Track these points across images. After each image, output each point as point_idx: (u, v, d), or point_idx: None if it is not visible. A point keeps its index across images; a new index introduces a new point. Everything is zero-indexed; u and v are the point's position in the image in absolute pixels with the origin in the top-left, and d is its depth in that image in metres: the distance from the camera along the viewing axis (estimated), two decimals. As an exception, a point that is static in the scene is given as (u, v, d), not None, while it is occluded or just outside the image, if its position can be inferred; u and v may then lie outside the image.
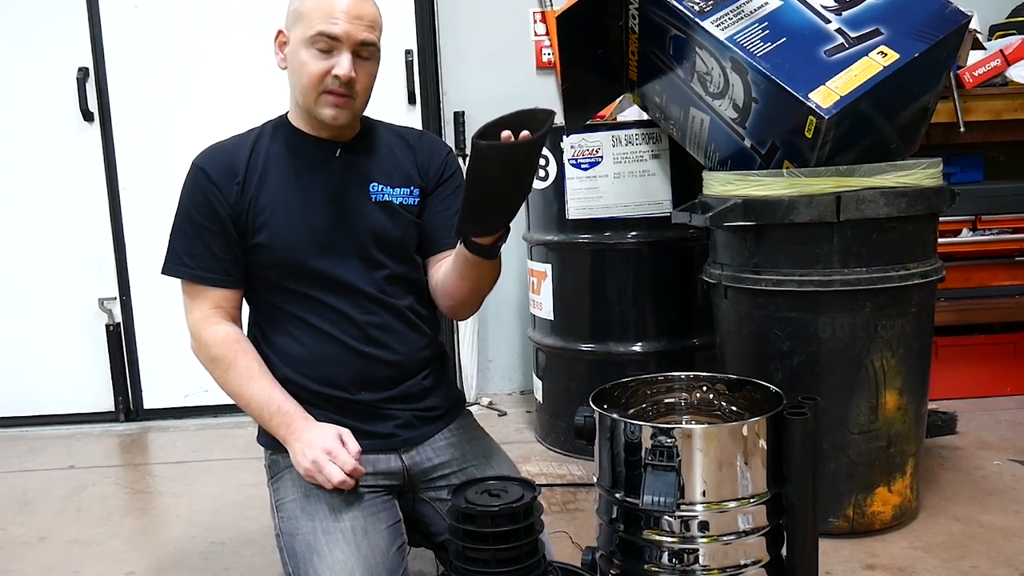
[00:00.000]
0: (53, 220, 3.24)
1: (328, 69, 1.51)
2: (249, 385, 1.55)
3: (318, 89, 1.53)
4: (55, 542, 2.26)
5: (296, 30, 1.54)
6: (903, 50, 1.96)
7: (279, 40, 1.61)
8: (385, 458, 1.60)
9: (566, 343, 2.71)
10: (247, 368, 1.55)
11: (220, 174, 1.58)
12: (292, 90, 1.61)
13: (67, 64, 3.15)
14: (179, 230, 1.61)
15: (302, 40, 1.52)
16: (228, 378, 1.56)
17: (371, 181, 1.62)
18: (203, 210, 1.58)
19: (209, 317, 1.58)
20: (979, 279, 2.96)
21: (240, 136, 1.66)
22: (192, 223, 1.59)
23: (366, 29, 1.52)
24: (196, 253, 1.58)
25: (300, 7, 1.53)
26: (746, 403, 1.56)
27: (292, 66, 1.57)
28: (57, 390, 3.31)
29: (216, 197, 1.57)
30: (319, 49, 1.51)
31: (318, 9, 1.50)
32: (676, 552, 1.35)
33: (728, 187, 2.01)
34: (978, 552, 1.93)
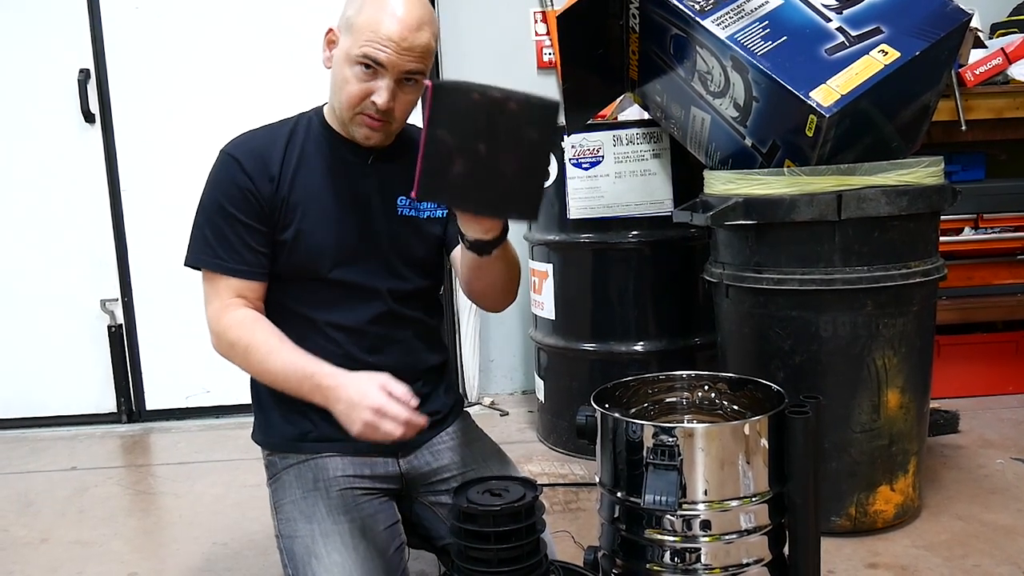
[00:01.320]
0: (55, 221, 3.24)
1: (367, 93, 1.46)
2: (270, 359, 1.47)
3: (354, 109, 1.48)
4: (57, 543, 2.26)
5: (345, 39, 1.48)
6: (904, 48, 1.96)
7: (328, 38, 1.54)
8: (383, 462, 1.60)
9: (568, 343, 2.71)
10: (265, 342, 1.48)
11: (254, 166, 1.53)
12: (330, 94, 1.55)
13: (68, 65, 3.16)
14: (208, 219, 1.53)
15: (347, 54, 1.46)
16: (249, 359, 1.49)
17: (399, 195, 1.59)
18: (236, 200, 1.51)
19: (228, 306, 1.52)
20: (981, 277, 2.95)
21: (272, 128, 1.61)
22: (223, 213, 1.52)
23: (414, 60, 1.45)
24: (227, 244, 1.51)
25: (354, 17, 1.46)
26: (748, 402, 1.56)
27: (334, 74, 1.51)
28: (59, 391, 3.32)
29: (249, 188, 1.51)
30: (362, 68, 1.45)
31: (369, 28, 1.42)
32: (678, 551, 1.34)
33: (729, 186, 2.01)
34: (980, 551, 1.93)
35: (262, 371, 1.50)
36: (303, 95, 3.10)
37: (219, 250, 1.51)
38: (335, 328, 1.56)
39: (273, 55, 3.19)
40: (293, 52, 3.17)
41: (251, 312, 1.53)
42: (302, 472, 1.57)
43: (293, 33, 3.18)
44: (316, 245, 1.54)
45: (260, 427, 1.65)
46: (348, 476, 1.56)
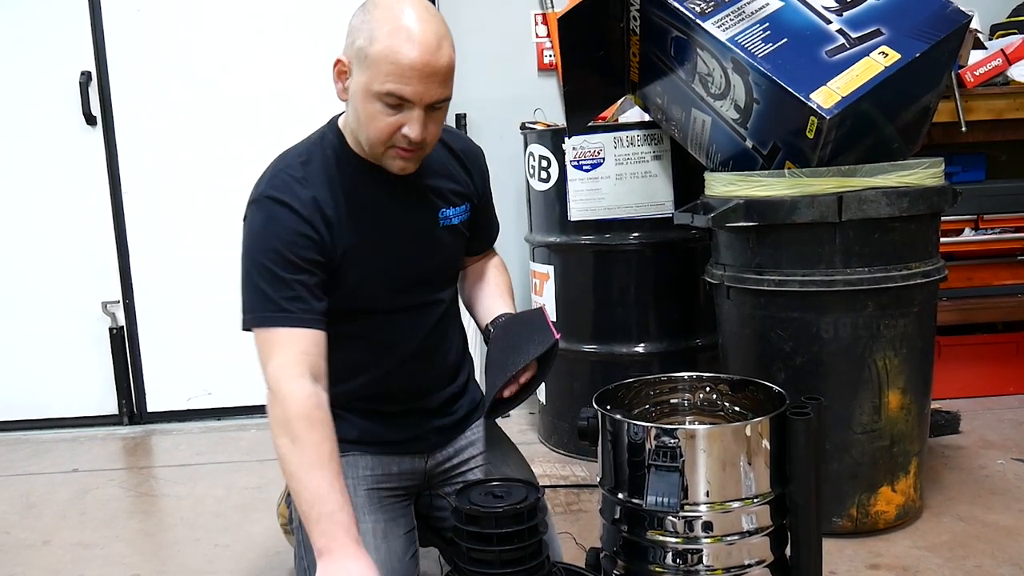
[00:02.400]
0: (56, 223, 3.24)
1: (397, 127, 1.38)
2: (311, 472, 1.34)
3: (386, 144, 1.41)
4: (59, 545, 2.26)
5: (361, 74, 1.37)
6: (904, 50, 1.96)
7: (338, 68, 1.42)
8: (409, 459, 1.61)
9: (569, 344, 2.71)
10: (317, 447, 1.35)
11: (308, 210, 1.43)
12: (354, 128, 1.46)
13: (70, 68, 3.16)
14: (262, 273, 1.41)
15: (368, 91, 1.36)
16: (292, 452, 1.35)
17: (439, 208, 1.57)
18: (296, 246, 1.41)
19: (293, 365, 1.38)
20: (981, 278, 2.95)
21: (299, 161, 1.49)
22: (284, 262, 1.40)
23: (440, 85, 1.37)
24: (291, 293, 1.40)
25: (367, 48, 1.35)
26: (749, 403, 1.56)
27: (356, 111, 1.41)
28: (61, 393, 3.32)
29: (309, 233, 1.42)
30: (388, 104, 1.36)
31: (388, 61, 1.33)
32: (680, 552, 1.35)
33: (730, 188, 2.01)
34: (982, 551, 1.93)
35: (294, 474, 1.35)
36: (304, 97, 3.13)
37: (283, 302, 1.40)
38: (389, 347, 1.55)
39: (274, 58, 3.19)
40: (294, 55, 3.18)
41: (316, 392, 1.38)
42: None
43: (294, 36, 3.18)
44: (374, 282, 1.51)
45: None
46: (376, 475, 1.57)
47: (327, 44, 3.15)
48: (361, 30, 1.36)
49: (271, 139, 3.15)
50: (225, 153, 3.21)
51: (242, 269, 1.45)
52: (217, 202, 3.21)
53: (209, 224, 3.23)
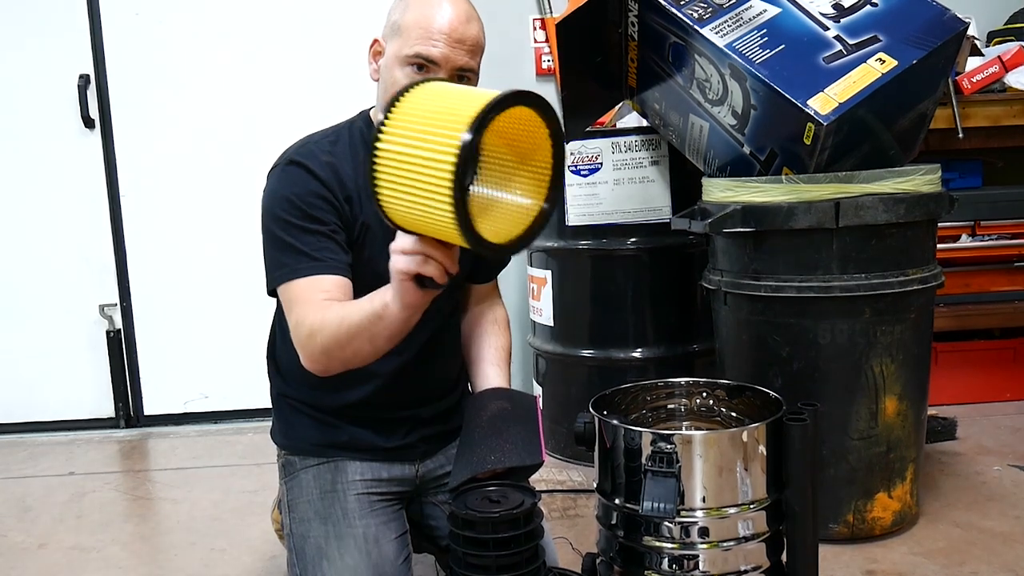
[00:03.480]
0: (54, 226, 3.24)
1: None
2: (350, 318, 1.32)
3: None
4: (55, 549, 2.25)
5: (393, 44, 1.43)
6: (901, 57, 1.97)
7: (374, 49, 1.48)
8: (400, 466, 1.60)
9: (566, 349, 2.71)
10: (341, 310, 1.35)
11: (330, 178, 1.45)
12: (381, 102, 1.48)
13: (68, 71, 3.16)
14: (286, 230, 1.41)
15: (397, 57, 1.41)
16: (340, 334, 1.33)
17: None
18: (316, 206, 1.42)
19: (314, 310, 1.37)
20: (978, 285, 2.96)
21: (329, 139, 1.51)
22: (302, 217, 1.41)
23: (467, 54, 1.42)
24: (323, 247, 1.41)
25: (400, 19, 1.42)
26: (746, 409, 1.56)
27: (385, 82, 1.45)
28: (57, 396, 3.31)
29: (329, 196, 1.43)
30: (415, 68, 1.40)
31: (418, 26, 1.39)
32: (676, 558, 1.35)
33: (727, 193, 2.02)
34: (978, 558, 1.93)
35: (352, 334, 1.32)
36: (304, 100, 3.13)
37: (313, 252, 1.40)
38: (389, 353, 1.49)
39: (274, 61, 3.19)
40: (294, 60, 3.18)
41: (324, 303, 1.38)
42: (321, 473, 1.57)
43: (294, 39, 3.19)
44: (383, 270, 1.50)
45: (283, 431, 1.64)
46: (366, 480, 1.57)
47: (327, 49, 3.18)
48: (397, 7, 1.44)
49: (271, 142, 3.16)
50: (223, 157, 3.21)
51: (263, 230, 1.45)
52: (215, 206, 3.21)
53: (207, 227, 3.23)
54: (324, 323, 1.35)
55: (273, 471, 1.72)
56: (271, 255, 1.44)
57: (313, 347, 1.37)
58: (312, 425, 1.59)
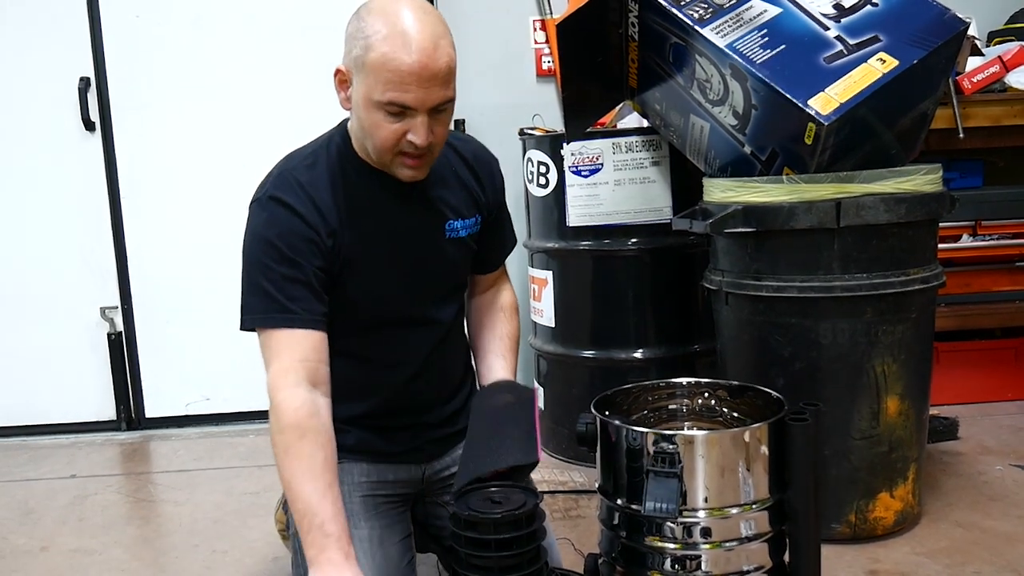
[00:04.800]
0: (55, 229, 3.24)
1: (402, 133, 1.35)
2: (303, 482, 1.34)
3: (393, 151, 1.38)
4: (57, 551, 2.25)
5: (360, 83, 1.35)
6: (902, 57, 1.97)
7: (338, 78, 1.41)
8: (406, 467, 1.60)
9: (567, 350, 2.71)
10: (309, 459, 1.35)
11: (311, 214, 1.41)
12: (360, 137, 1.44)
13: (68, 74, 3.16)
14: (263, 271, 1.39)
15: (368, 100, 1.34)
16: (285, 461, 1.36)
17: (447, 220, 1.54)
18: (297, 247, 1.39)
19: (290, 372, 1.37)
20: (979, 284, 2.96)
21: (305, 164, 1.47)
22: (280, 261, 1.39)
23: (441, 87, 1.34)
24: (287, 293, 1.38)
25: (364, 57, 1.32)
26: (748, 409, 1.56)
27: (360, 120, 1.40)
28: (59, 399, 3.31)
29: (312, 237, 1.40)
30: (390, 113, 1.34)
31: (386, 69, 1.30)
32: (678, 559, 1.34)
33: (728, 194, 2.02)
34: (980, 557, 1.93)
35: (287, 483, 1.36)
36: (303, 103, 3.13)
37: (284, 300, 1.38)
38: (391, 366, 1.53)
39: (273, 64, 3.19)
40: (294, 61, 3.18)
41: (311, 400, 1.37)
42: None
43: (294, 42, 3.19)
44: (377, 293, 1.49)
45: None
46: (372, 482, 1.57)
47: (327, 50, 3.16)
48: (357, 38, 1.33)
49: (270, 145, 3.15)
50: (224, 159, 3.21)
51: (243, 268, 1.43)
52: (216, 208, 3.21)
53: (208, 230, 3.23)
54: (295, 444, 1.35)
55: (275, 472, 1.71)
56: (247, 297, 1.43)
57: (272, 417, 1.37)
58: None
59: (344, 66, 1.39)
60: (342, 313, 1.47)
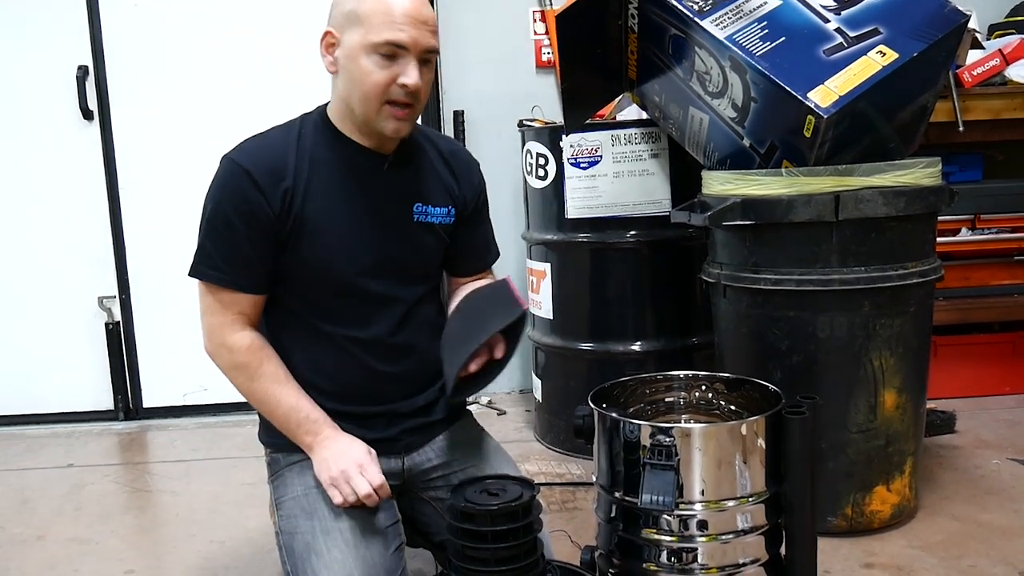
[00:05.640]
0: (53, 218, 3.24)
1: (393, 78, 1.43)
2: (275, 391, 1.50)
3: (382, 99, 1.44)
4: (54, 541, 2.26)
5: (353, 33, 1.44)
6: (902, 49, 1.96)
7: (326, 41, 1.49)
8: (385, 459, 1.60)
9: (565, 342, 2.71)
10: (274, 374, 1.51)
11: (264, 176, 1.47)
12: (344, 95, 1.50)
13: (67, 62, 3.15)
14: (214, 231, 1.49)
15: (363, 46, 1.42)
16: (253, 385, 1.51)
17: (415, 201, 1.58)
18: (243, 213, 1.47)
19: (232, 323, 1.51)
20: (978, 278, 2.96)
21: (278, 131, 1.56)
22: (229, 226, 1.48)
23: (431, 34, 1.45)
24: (232, 258, 1.48)
25: (357, 8, 1.43)
26: (745, 402, 1.56)
27: (349, 73, 1.46)
28: (56, 388, 3.31)
29: (258, 201, 1.47)
30: (382, 55, 1.42)
31: (381, 13, 1.41)
32: (675, 551, 1.35)
33: (727, 186, 2.01)
34: (976, 551, 1.93)
35: (263, 400, 1.52)
36: (303, 91, 3.11)
37: (224, 265, 1.49)
38: (353, 342, 1.55)
39: (272, 52, 3.18)
40: (292, 49, 3.17)
41: (257, 336, 1.53)
42: (304, 469, 1.56)
43: (292, 30, 3.18)
44: (335, 259, 1.52)
45: (266, 428, 1.64)
46: None
47: (325, 40, 3.16)
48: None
49: (268, 135, 3.16)
50: (222, 148, 3.19)
51: (200, 218, 1.52)
52: (214, 198, 3.20)
53: (206, 220, 3.22)
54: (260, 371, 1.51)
55: (272, 464, 1.71)
56: (197, 250, 1.52)
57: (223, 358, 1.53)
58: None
59: (332, 27, 1.48)
60: (298, 278, 1.53)
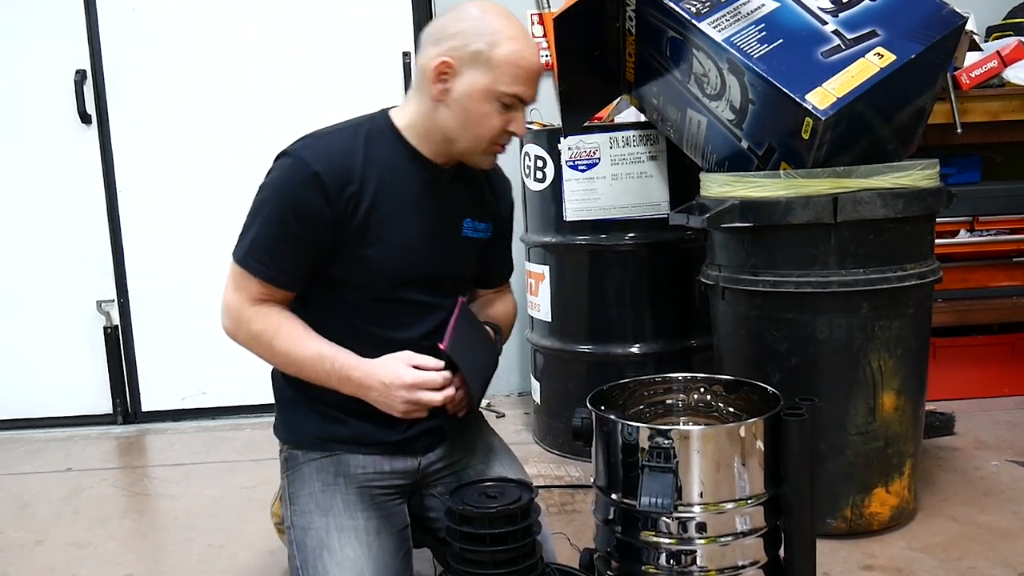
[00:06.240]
0: (51, 222, 3.24)
1: (505, 124, 1.50)
2: (298, 348, 1.49)
3: (491, 141, 1.52)
4: (53, 545, 2.25)
5: (477, 74, 1.46)
6: (900, 51, 1.96)
7: (440, 69, 1.47)
8: (402, 459, 1.60)
9: (564, 344, 2.71)
10: (292, 332, 1.50)
11: (332, 179, 1.46)
12: (446, 125, 1.51)
13: (64, 66, 3.15)
14: (266, 224, 1.48)
15: (487, 91, 1.46)
16: (275, 347, 1.50)
17: (466, 216, 1.63)
18: (301, 215, 1.46)
19: (255, 302, 1.52)
20: (977, 280, 2.96)
21: (344, 133, 1.54)
22: (284, 222, 1.47)
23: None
24: (278, 255, 1.48)
25: (488, 52, 1.45)
26: (744, 404, 1.56)
27: (465, 111, 1.48)
28: (55, 392, 3.31)
29: (320, 204, 1.46)
30: (503, 104, 1.48)
31: (514, 66, 1.45)
32: (674, 553, 1.35)
33: (725, 188, 2.01)
34: (976, 553, 1.93)
35: (287, 358, 1.51)
36: (301, 94, 3.13)
37: (268, 259, 1.48)
38: (393, 344, 1.54)
39: (271, 56, 3.18)
40: (291, 53, 3.18)
41: (275, 306, 1.52)
42: (324, 466, 1.57)
43: (291, 34, 3.18)
44: (391, 267, 1.53)
45: (285, 425, 1.65)
46: (368, 473, 1.57)
47: (324, 42, 3.17)
48: (476, 35, 1.45)
49: (267, 138, 3.14)
50: (221, 151, 3.21)
51: (251, 208, 1.51)
52: (212, 201, 3.20)
53: (204, 223, 3.23)
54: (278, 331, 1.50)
55: (271, 467, 1.72)
56: (243, 233, 1.52)
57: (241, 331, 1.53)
58: (315, 419, 1.59)
59: (452, 59, 1.46)
60: (346, 280, 1.53)
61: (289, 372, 1.54)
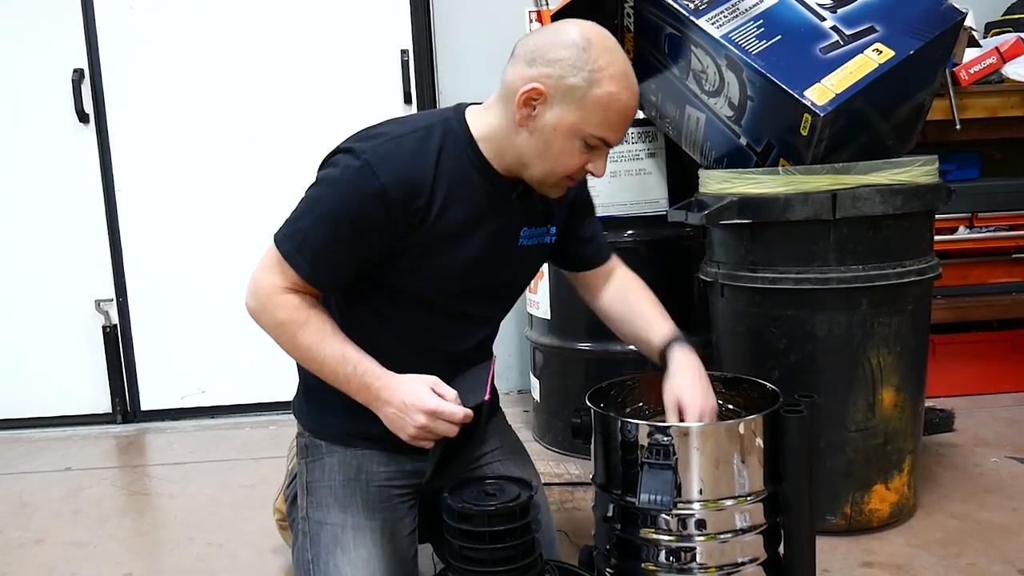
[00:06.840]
0: (49, 222, 3.23)
1: (584, 163, 1.43)
2: (322, 344, 1.42)
3: (567, 177, 1.45)
4: (52, 544, 2.25)
5: (567, 109, 1.37)
6: (898, 47, 1.96)
7: (529, 95, 1.38)
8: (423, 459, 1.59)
9: (563, 342, 2.71)
10: (320, 328, 1.42)
11: (399, 192, 1.38)
12: (524, 151, 1.43)
13: (62, 65, 3.15)
14: (320, 224, 1.40)
15: (573, 128, 1.38)
16: (299, 338, 1.42)
17: (524, 226, 1.56)
18: (357, 226, 1.39)
19: (286, 290, 1.43)
20: (976, 276, 2.96)
21: (415, 139, 1.44)
22: (338, 226, 1.39)
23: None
24: (323, 256, 1.41)
25: (585, 89, 1.36)
26: (743, 401, 1.56)
27: (547, 143, 1.40)
28: (54, 392, 3.31)
29: (381, 219, 1.39)
30: (587, 144, 1.40)
31: (605, 110, 1.37)
32: (673, 550, 1.35)
33: (724, 185, 2.01)
34: (975, 549, 1.93)
35: (309, 354, 1.43)
36: (299, 95, 3.12)
37: (312, 258, 1.41)
38: (442, 353, 1.53)
39: (270, 54, 3.18)
40: (292, 51, 3.17)
41: (305, 298, 1.44)
42: (347, 460, 1.56)
43: (289, 33, 3.17)
44: (449, 280, 1.49)
45: (312, 415, 1.62)
46: (389, 471, 1.57)
47: (323, 41, 3.16)
48: (575, 67, 1.35)
49: (266, 137, 3.15)
50: (219, 150, 3.20)
51: (306, 197, 1.44)
52: (211, 199, 3.20)
53: (203, 222, 3.22)
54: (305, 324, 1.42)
55: (271, 465, 1.72)
56: (292, 223, 1.43)
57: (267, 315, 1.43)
58: (346, 414, 1.53)
59: (545, 87, 1.37)
60: (400, 288, 1.48)
61: (306, 366, 1.48)
